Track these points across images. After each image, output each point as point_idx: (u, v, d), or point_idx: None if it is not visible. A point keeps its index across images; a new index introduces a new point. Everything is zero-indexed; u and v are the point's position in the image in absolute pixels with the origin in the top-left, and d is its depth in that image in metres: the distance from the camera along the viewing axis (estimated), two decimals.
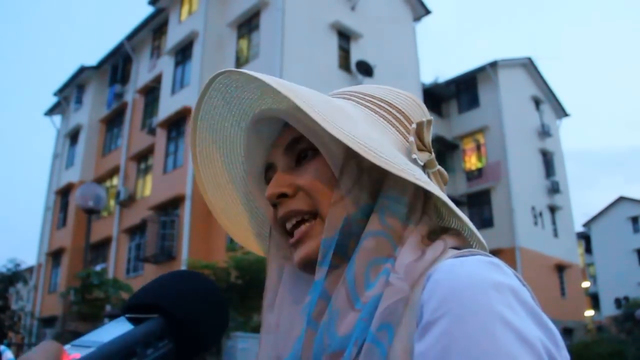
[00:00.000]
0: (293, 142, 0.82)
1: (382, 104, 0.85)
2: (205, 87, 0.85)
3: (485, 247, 0.82)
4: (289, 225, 0.81)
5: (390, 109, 0.85)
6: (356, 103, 0.85)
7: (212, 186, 0.95)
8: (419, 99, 0.90)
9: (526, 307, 0.62)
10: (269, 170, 0.87)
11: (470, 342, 0.57)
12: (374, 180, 0.77)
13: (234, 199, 0.97)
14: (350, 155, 0.76)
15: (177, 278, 0.60)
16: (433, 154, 0.83)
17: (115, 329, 0.53)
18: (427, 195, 0.79)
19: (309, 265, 0.79)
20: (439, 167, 0.84)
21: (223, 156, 0.94)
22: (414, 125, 0.82)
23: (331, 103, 0.79)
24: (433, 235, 0.77)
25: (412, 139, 0.80)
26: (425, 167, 0.82)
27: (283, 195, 0.81)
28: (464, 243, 0.79)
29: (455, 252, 0.72)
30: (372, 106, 0.85)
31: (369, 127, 0.78)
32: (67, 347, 0.51)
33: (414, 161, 0.79)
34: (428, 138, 0.82)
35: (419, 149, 0.81)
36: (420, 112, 0.88)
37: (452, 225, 0.86)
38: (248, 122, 0.90)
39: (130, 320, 0.56)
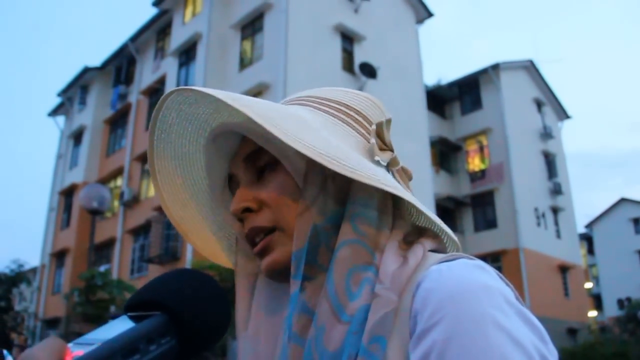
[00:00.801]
0: (252, 154, 0.81)
1: (340, 107, 0.84)
2: (157, 107, 0.84)
3: (458, 245, 0.84)
4: (257, 240, 0.80)
5: (349, 112, 0.84)
6: (313, 108, 0.84)
7: (177, 204, 0.93)
8: (376, 99, 0.88)
9: (514, 308, 0.63)
10: (231, 182, 0.87)
11: (465, 345, 0.58)
12: (339, 186, 0.76)
13: (198, 215, 0.95)
14: (312, 164, 0.74)
15: (178, 276, 0.60)
16: (395, 152, 0.82)
17: (117, 327, 0.54)
18: (395, 196, 0.78)
19: (276, 274, 0.78)
20: (401, 164, 0.84)
21: (184, 173, 0.92)
22: (373, 127, 0.81)
23: (287, 113, 0.77)
24: (409, 238, 0.76)
25: (373, 140, 0.80)
26: (389, 166, 0.81)
27: (247, 210, 0.80)
28: (440, 244, 0.80)
29: (438, 256, 0.72)
30: (330, 110, 0.83)
31: (328, 133, 0.77)
32: (70, 344, 0.51)
33: (377, 163, 0.78)
34: (388, 137, 0.82)
35: (381, 149, 0.80)
36: (378, 111, 0.86)
37: (421, 223, 0.85)
38: (206, 138, 0.88)
39: (132, 318, 0.56)
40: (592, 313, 36.12)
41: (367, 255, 0.72)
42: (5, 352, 8.52)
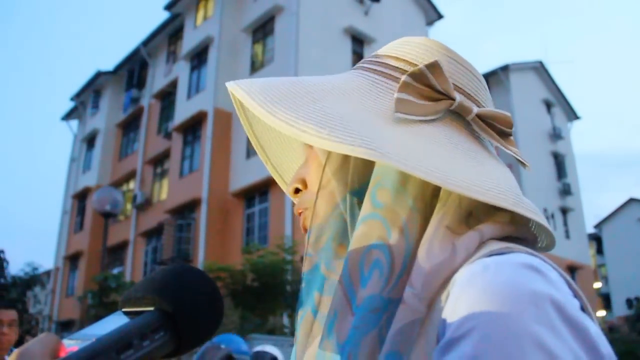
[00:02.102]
0: None
1: (387, 61, 0.75)
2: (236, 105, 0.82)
3: (552, 238, 0.73)
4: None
5: (396, 64, 0.74)
6: (363, 70, 0.76)
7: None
8: (436, 42, 0.75)
9: (570, 323, 0.51)
10: None
11: None
12: (364, 159, 0.65)
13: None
14: None
15: (172, 272, 0.59)
16: (458, 97, 0.70)
17: (112, 323, 0.54)
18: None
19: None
20: (480, 110, 0.71)
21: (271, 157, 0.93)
22: (405, 77, 0.69)
23: (301, 89, 0.68)
24: (473, 219, 0.65)
25: (399, 94, 0.68)
26: (463, 117, 0.71)
27: (297, 191, 0.79)
28: (518, 230, 0.67)
29: (493, 246, 0.60)
30: (376, 67, 0.75)
31: (358, 97, 0.69)
32: (64, 340, 0.52)
33: (405, 121, 0.67)
34: (442, 83, 0.69)
35: (433, 99, 0.69)
36: (435, 56, 0.73)
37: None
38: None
39: (127, 314, 0.57)
40: (601, 312, 36.10)
41: (381, 230, 0.63)
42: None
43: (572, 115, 32.01)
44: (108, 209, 11.29)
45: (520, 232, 0.67)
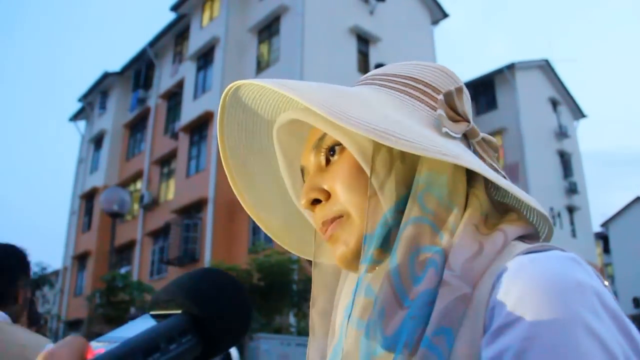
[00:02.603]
0: (319, 142, 0.79)
1: (407, 81, 0.79)
2: (221, 106, 0.84)
3: (550, 223, 0.76)
4: (327, 228, 0.78)
5: (417, 85, 0.78)
6: (379, 86, 0.80)
7: (256, 204, 0.93)
8: (449, 69, 0.82)
9: (610, 312, 0.56)
10: (303, 175, 0.85)
11: (549, 348, 0.52)
12: (408, 167, 0.72)
13: (273, 209, 0.94)
14: (379, 144, 0.71)
15: (200, 275, 0.59)
16: (472, 122, 0.76)
17: (139, 326, 0.54)
18: (472, 172, 0.72)
19: (349, 263, 0.76)
20: (483, 135, 0.77)
21: (257, 170, 0.92)
22: (440, 97, 0.75)
23: (345, 93, 0.73)
24: (490, 220, 0.71)
25: (440, 111, 0.73)
26: (467, 138, 0.76)
27: (317, 201, 0.78)
28: (528, 228, 0.72)
29: (523, 246, 0.65)
30: (396, 86, 0.79)
31: (391, 109, 0.73)
32: (92, 342, 0.51)
33: (447, 135, 0.72)
34: (462, 106, 0.75)
35: (454, 120, 0.74)
36: (450, 81, 0.80)
37: (510, 198, 0.78)
38: (275, 132, 0.86)
39: (154, 317, 0.56)
40: None
41: (433, 235, 0.67)
42: None
43: (578, 113, 31.93)
44: (115, 209, 11.34)
45: (530, 228, 0.73)
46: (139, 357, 0.50)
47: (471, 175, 0.73)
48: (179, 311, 0.55)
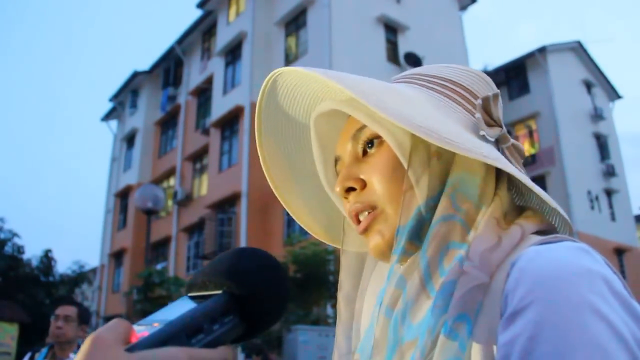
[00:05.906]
0: (357, 133, 0.81)
1: (445, 83, 0.82)
2: (260, 95, 0.86)
3: (570, 226, 0.78)
4: (361, 218, 0.80)
5: (455, 87, 0.81)
6: (419, 86, 0.82)
7: (284, 186, 0.95)
8: (486, 75, 0.86)
9: (619, 297, 0.58)
10: (337, 164, 0.87)
11: (559, 331, 0.54)
12: (443, 165, 0.75)
13: (304, 195, 0.97)
14: (417, 141, 0.74)
15: (237, 254, 0.59)
16: (504, 128, 0.79)
17: (179, 308, 0.53)
18: (500, 174, 0.76)
19: (383, 254, 0.78)
20: (513, 141, 0.80)
21: (289, 154, 0.94)
22: (479, 101, 0.77)
23: (389, 88, 0.76)
24: (508, 217, 0.74)
25: (478, 115, 0.76)
26: (498, 143, 0.78)
27: (351, 189, 0.80)
28: (544, 224, 0.75)
29: (538, 238, 0.69)
30: (435, 87, 0.81)
31: (431, 108, 0.75)
32: (135, 325, 0.52)
33: (483, 138, 0.75)
34: (497, 112, 0.78)
35: (488, 125, 0.77)
36: (487, 87, 0.84)
37: (532, 202, 0.81)
38: (312, 119, 0.89)
39: (193, 298, 0.56)
40: None
41: (463, 233, 0.70)
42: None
43: (613, 94, 31.31)
44: (150, 206, 11.32)
45: (546, 225, 0.76)
46: (183, 339, 0.50)
47: (500, 177, 0.76)
48: (219, 292, 0.55)
